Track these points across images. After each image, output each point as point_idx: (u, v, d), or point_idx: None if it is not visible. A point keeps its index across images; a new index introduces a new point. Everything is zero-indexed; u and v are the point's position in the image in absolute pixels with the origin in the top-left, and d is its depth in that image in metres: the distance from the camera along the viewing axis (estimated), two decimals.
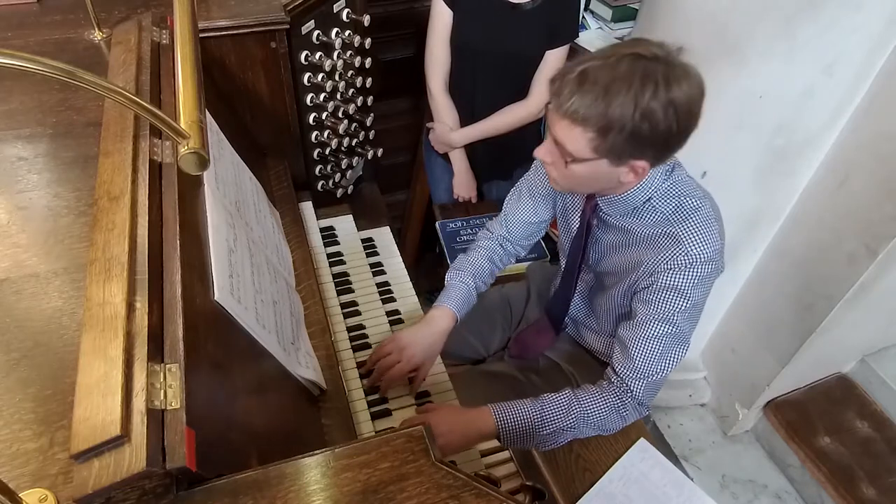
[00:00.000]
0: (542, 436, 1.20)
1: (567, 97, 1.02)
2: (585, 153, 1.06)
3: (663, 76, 0.98)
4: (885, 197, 1.57)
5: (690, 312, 1.17)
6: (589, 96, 1.00)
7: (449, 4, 1.82)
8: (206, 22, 1.24)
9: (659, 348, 1.18)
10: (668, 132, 1.02)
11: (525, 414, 1.19)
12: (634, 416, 1.26)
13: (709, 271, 1.14)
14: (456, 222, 2.09)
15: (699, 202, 1.16)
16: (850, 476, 1.99)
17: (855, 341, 2.09)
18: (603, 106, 0.99)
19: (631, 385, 1.20)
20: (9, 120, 1.07)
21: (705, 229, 1.13)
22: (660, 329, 1.17)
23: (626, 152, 1.05)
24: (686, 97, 1.00)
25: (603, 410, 1.21)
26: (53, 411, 0.69)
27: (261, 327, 0.95)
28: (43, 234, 0.89)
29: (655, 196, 1.17)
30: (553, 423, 1.19)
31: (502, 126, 2.00)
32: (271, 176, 1.49)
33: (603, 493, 1.48)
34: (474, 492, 0.66)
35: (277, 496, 0.65)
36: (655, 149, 1.06)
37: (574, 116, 1.02)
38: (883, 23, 1.44)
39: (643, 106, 0.98)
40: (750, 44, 1.52)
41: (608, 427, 1.25)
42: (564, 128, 1.06)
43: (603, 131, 1.02)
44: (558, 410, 1.20)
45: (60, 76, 0.58)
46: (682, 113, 1.01)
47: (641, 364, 1.18)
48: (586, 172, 1.11)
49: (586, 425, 1.22)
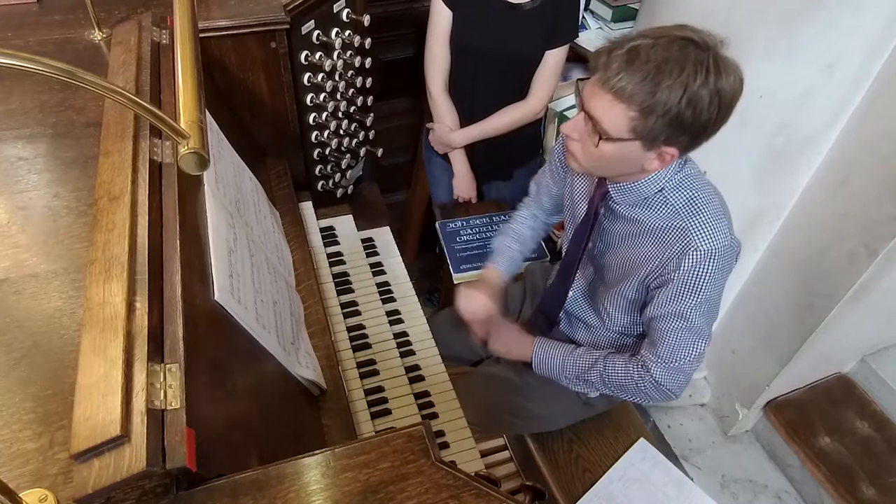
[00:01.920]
0: (565, 375, 1.39)
1: (615, 72, 1.00)
2: (622, 132, 1.05)
3: (714, 64, 0.98)
4: (885, 197, 1.57)
5: (704, 307, 1.17)
6: (639, 74, 0.98)
7: (449, 5, 1.82)
8: (206, 22, 1.24)
9: (675, 340, 1.21)
10: (707, 121, 1.02)
11: (558, 353, 1.39)
12: (658, 397, 1.29)
13: (719, 266, 1.14)
14: (456, 222, 2.09)
15: (709, 196, 1.16)
16: (850, 476, 1.99)
17: (855, 341, 2.09)
18: (652, 86, 0.98)
19: (650, 366, 1.25)
20: (9, 120, 1.07)
21: (714, 224, 1.13)
22: (674, 324, 1.20)
23: (662, 137, 1.04)
24: (731, 89, 1.01)
25: (623, 378, 1.29)
26: (53, 411, 0.69)
27: (261, 327, 0.95)
28: (43, 234, 0.89)
29: (668, 187, 1.16)
30: (575, 369, 1.37)
31: (502, 126, 2.00)
32: (271, 176, 1.49)
33: (603, 493, 1.48)
34: (474, 492, 0.66)
35: (277, 496, 0.65)
36: (690, 137, 1.05)
37: (620, 93, 1.00)
38: (883, 23, 1.44)
39: (692, 91, 0.98)
40: (750, 44, 1.51)
41: (629, 395, 1.34)
42: (606, 103, 1.03)
43: (646, 111, 1.00)
44: (584, 363, 1.35)
45: (60, 76, 0.58)
46: (724, 104, 1.01)
47: (661, 350, 1.23)
48: (614, 153, 1.09)
49: (604, 385, 1.34)
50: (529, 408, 1.52)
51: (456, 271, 1.95)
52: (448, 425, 1.29)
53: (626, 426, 1.61)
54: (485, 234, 2.06)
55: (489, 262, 1.55)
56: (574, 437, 1.58)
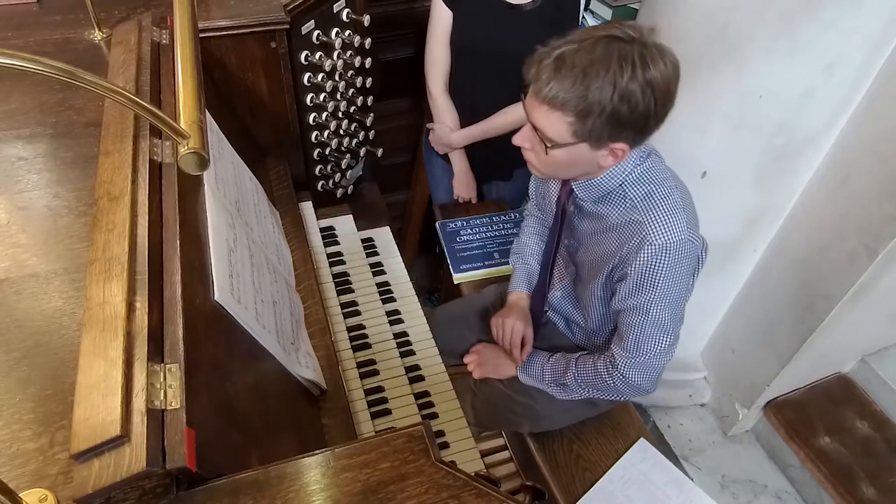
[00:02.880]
0: (548, 384, 1.44)
1: (545, 82, 1.03)
2: (565, 138, 1.07)
3: (640, 57, 0.99)
4: (885, 197, 1.57)
5: (664, 302, 1.17)
6: (567, 81, 1.01)
7: (449, 5, 1.82)
8: (206, 22, 1.24)
9: (637, 334, 1.22)
10: (646, 112, 1.03)
11: (538, 363, 1.46)
12: (630, 392, 1.31)
13: (675, 261, 1.14)
14: (456, 222, 2.09)
15: (668, 191, 1.16)
16: (850, 476, 1.99)
17: (855, 341, 2.09)
18: (581, 89, 1.00)
19: (618, 361, 1.27)
20: (9, 120, 1.07)
21: (670, 219, 1.13)
22: (635, 319, 1.21)
23: (606, 135, 1.06)
24: (663, 77, 1.01)
25: (593, 377, 1.34)
26: (53, 411, 0.69)
27: (261, 327, 0.95)
28: (43, 234, 0.89)
29: (627, 182, 1.18)
30: (553, 375, 1.42)
31: (502, 126, 2.00)
32: (271, 176, 1.49)
33: (603, 493, 1.48)
34: (474, 492, 0.66)
35: (277, 496, 0.65)
36: (634, 130, 1.07)
37: (553, 101, 1.03)
38: (883, 23, 1.44)
39: (622, 87, 0.99)
40: (750, 44, 1.51)
41: (602, 392, 1.36)
42: (543, 113, 1.06)
43: (582, 115, 1.02)
44: (560, 367, 1.41)
45: (60, 76, 0.58)
46: (659, 93, 1.02)
47: (626, 345, 1.25)
48: (566, 157, 1.11)
49: (579, 386, 1.38)
50: (532, 406, 1.52)
51: (456, 271, 1.95)
52: (448, 425, 1.29)
53: (626, 426, 1.61)
54: (485, 234, 2.06)
55: (512, 287, 1.59)
56: (574, 437, 1.58)
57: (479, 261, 1.97)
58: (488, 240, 2.04)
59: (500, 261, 1.97)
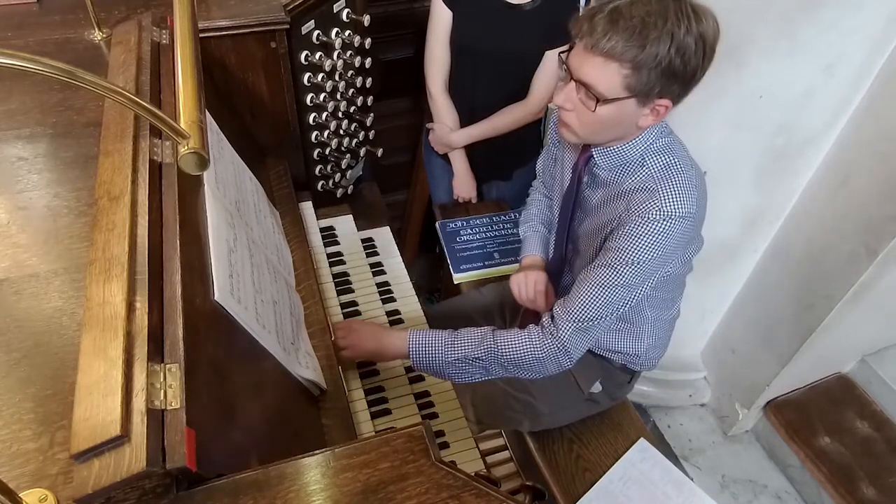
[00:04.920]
0: (448, 362, 1.23)
1: (601, 34, 1.03)
2: (617, 91, 1.07)
3: (693, 12, 1.02)
4: (885, 197, 1.57)
5: (635, 268, 1.15)
6: (626, 32, 1.02)
7: (448, 5, 1.82)
8: (206, 22, 1.24)
9: (591, 292, 1.18)
10: (696, 67, 1.05)
11: (437, 337, 1.25)
12: (554, 367, 1.23)
13: (670, 230, 1.13)
14: (456, 222, 2.09)
15: (686, 167, 1.17)
16: (850, 476, 1.99)
17: (855, 341, 2.09)
18: (640, 40, 1.01)
19: (560, 326, 1.20)
20: (9, 120, 1.07)
21: (683, 189, 1.13)
22: (604, 275, 1.17)
23: (655, 89, 1.07)
24: (712, 32, 1.05)
25: (518, 350, 1.22)
26: (53, 411, 0.69)
27: (261, 327, 0.95)
28: (43, 234, 0.89)
29: (648, 152, 1.18)
30: (460, 350, 1.23)
31: (502, 126, 2.00)
32: (271, 176, 1.49)
33: (603, 493, 1.48)
34: (474, 492, 0.66)
35: (277, 496, 0.64)
36: (681, 85, 1.08)
37: (610, 53, 1.03)
38: (883, 23, 1.44)
39: (679, 40, 1.01)
40: (750, 44, 1.52)
41: (521, 370, 1.25)
42: (598, 66, 1.06)
43: (638, 66, 1.03)
44: (470, 340, 1.24)
45: (60, 76, 0.58)
46: (708, 48, 1.05)
47: (577, 306, 1.19)
48: (612, 115, 1.11)
49: (496, 362, 1.23)
50: (531, 403, 1.52)
51: (456, 271, 1.95)
52: (448, 425, 1.29)
53: (626, 426, 1.61)
54: (485, 234, 2.06)
55: (525, 252, 1.57)
56: (574, 437, 1.58)
57: (479, 261, 1.97)
58: (488, 240, 2.04)
59: (500, 261, 1.97)
